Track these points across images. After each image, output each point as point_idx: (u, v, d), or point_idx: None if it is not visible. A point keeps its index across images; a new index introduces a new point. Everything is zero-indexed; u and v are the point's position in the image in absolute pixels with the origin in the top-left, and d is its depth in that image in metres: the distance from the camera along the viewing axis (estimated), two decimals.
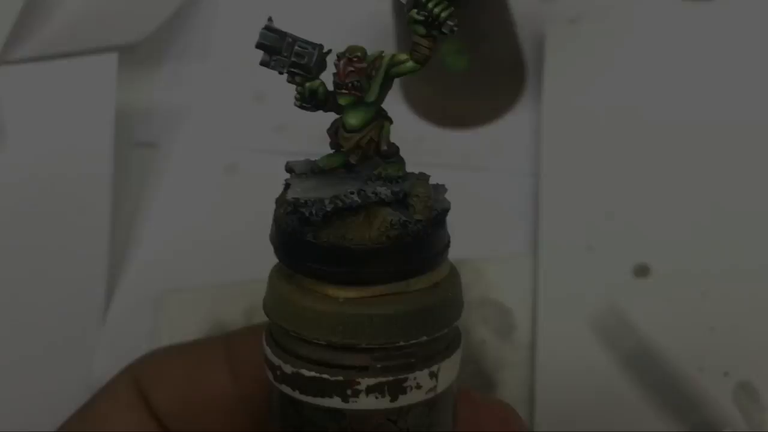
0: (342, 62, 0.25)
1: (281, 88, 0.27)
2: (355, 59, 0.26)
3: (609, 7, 0.58)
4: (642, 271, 0.48)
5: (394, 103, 0.59)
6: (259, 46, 0.26)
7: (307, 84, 0.26)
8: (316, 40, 0.26)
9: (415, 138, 0.55)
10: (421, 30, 0.26)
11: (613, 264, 0.49)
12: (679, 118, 0.53)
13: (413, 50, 0.26)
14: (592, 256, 0.49)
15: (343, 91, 0.26)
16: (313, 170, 0.27)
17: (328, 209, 0.25)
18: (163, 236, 0.55)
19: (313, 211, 0.25)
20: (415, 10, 0.25)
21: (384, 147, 0.27)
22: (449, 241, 0.28)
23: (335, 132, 0.27)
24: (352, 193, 0.26)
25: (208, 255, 0.54)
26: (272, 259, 0.27)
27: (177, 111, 0.60)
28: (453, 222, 0.26)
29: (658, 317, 0.47)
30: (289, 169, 0.28)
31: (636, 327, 0.46)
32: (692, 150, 0.52)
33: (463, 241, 0.52)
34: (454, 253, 0.28)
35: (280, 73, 0.27)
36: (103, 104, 0.58)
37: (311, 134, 0.57)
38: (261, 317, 0.27)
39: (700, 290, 0.47)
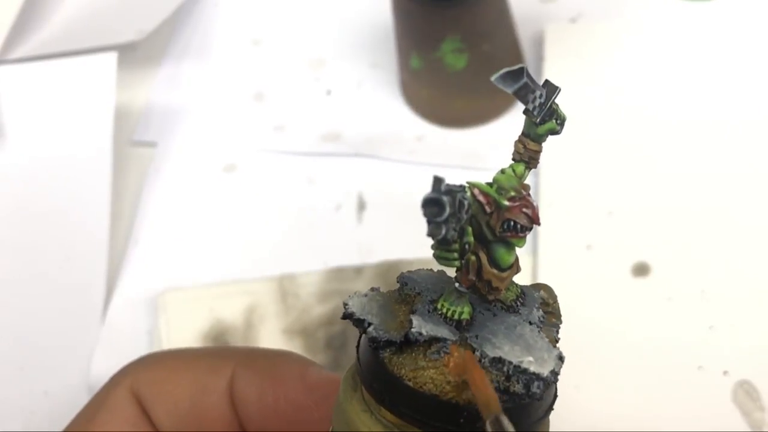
0: (532, 204, 0.22)
1: (281, 88, 0.26)
2: (528, 195, 0.22)
3: (609, 7, 0.58)
4: (642, 270, 0.48)
5: (394, 103, 0.59)
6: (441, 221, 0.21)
7: (472, 257, 0.22)
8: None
9: (415, 138, 0.55)
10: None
11: (612, 263, 0.49)
12: (679, 118, 0.53)
13: None
14: (591, 256, 0.49)
15: (520, 234, 0.22)
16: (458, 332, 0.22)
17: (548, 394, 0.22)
18: (162, 236, 0.55)
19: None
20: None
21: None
22: None
23: (477, 275, 0.23)
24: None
25: (208, 255, 0.54)
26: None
27: (176, 111, 0.60)
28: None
29: (658, 317, 0.47)
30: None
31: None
32: (692, 149, 0.52)
33: None
34: None
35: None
36: (103, 104, 0.58)
37: (311, 134, 0.58)
38: (259, 317, 0.27)
39: (700, 290, 0.47)
